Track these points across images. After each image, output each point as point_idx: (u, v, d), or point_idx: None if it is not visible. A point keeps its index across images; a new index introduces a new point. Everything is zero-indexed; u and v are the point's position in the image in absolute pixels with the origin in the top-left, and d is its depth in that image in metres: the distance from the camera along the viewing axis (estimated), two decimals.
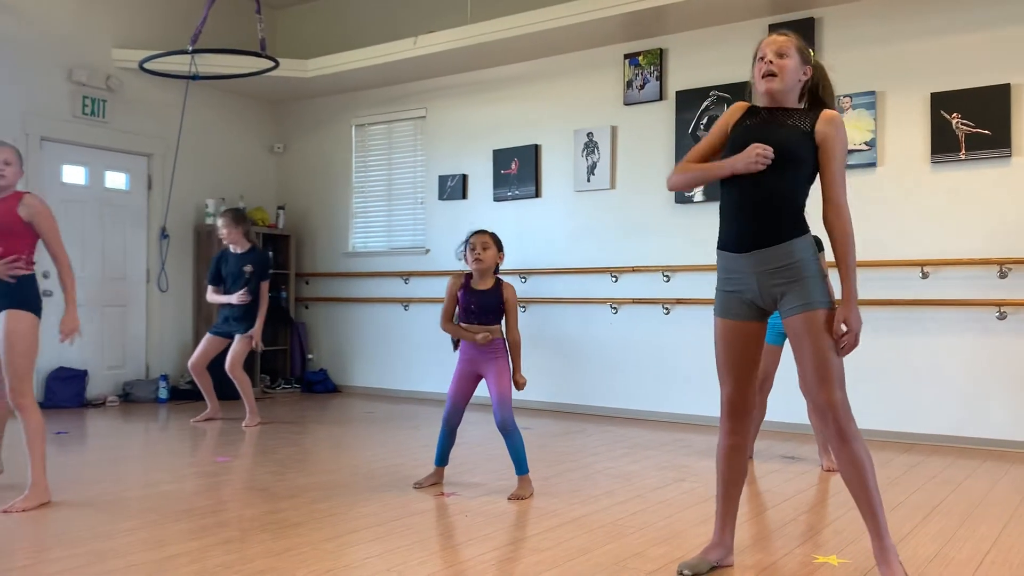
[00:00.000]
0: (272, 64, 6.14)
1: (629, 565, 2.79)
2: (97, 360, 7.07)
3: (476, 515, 3.45)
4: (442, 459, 3.96)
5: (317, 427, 5.85)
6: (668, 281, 6.25)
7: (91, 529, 3.19)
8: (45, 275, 6.80)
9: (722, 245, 2.73)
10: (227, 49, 6.20)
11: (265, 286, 5.99)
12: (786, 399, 5.78)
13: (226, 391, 6.36)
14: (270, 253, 5.84)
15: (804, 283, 2.54)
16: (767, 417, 5.85)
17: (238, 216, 6.06)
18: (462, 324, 3.84)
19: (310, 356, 8.23)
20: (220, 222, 6.05)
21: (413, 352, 7.56)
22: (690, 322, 6.15)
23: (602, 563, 2.82)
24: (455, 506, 3.60)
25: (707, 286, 6.08)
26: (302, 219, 8.36)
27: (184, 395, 7.14)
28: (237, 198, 8.03)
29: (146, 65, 6.12)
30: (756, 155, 2.52)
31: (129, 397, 7.09)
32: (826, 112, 2.63)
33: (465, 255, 3.83)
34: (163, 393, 7.17)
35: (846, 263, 2.55)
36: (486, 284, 3.82)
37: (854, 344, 2.53)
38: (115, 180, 7.30)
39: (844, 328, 2.52)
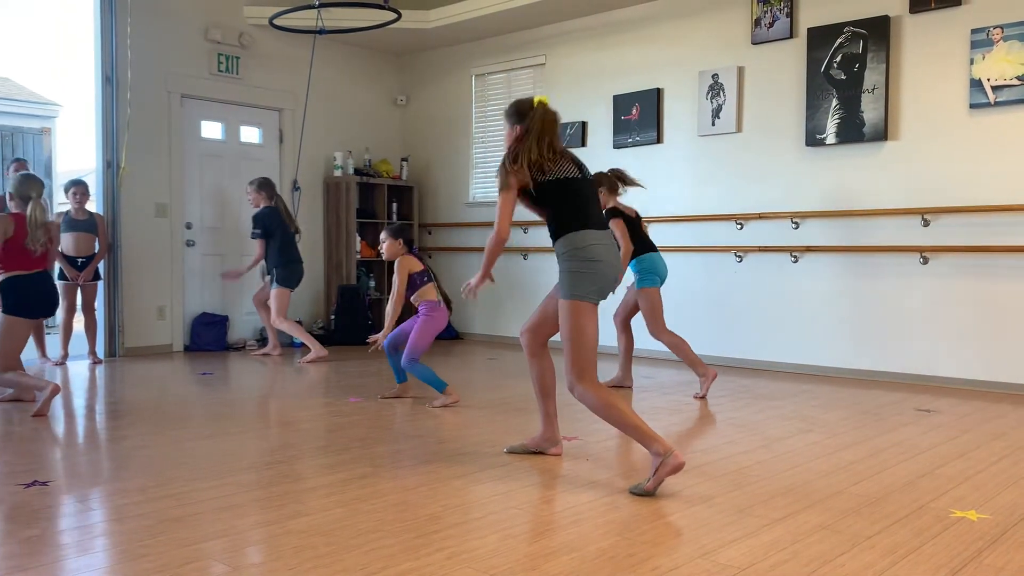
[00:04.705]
0: (395, 16, 6.22)
1: (754, 512, 2.77)
2: (237, 307, 7.49)
3: (598, 460, 3.49)
4: (400, 377, 4.89)
5: (442, 372, 6.00)
6: (797, 228, 6.04)
7: (236, 462, 3.41)
8: (188, 225, 7.23)
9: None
10: (352, 2, 6.32)
11: (256, 244, 6.60)
12: (921, 349, 5.54)
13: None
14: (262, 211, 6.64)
15: (560, 276, 3.23)
16: (900, 369, 5.65)
17: (261, 182, 6.69)
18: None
19: None
20: (248, 189, 6.76)
21: (532, 301, 7.62)
22: (821, 270, 5.94)
23: (724, 510, 2.81)
24: (578, 451, 3.65)
25: (838, 232, 5.85)
26: (425, 170, 8.51)
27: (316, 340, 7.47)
28: (363, 151, 8.25)
29: (275, 21, 6.31)
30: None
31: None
32: None
33: None
34: (296, 339, 7.52)
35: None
36: None
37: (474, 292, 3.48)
38: (249, 135, 7.62)
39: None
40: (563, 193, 3.23)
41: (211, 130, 7.37)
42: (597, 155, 7.08)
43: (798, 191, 6.04)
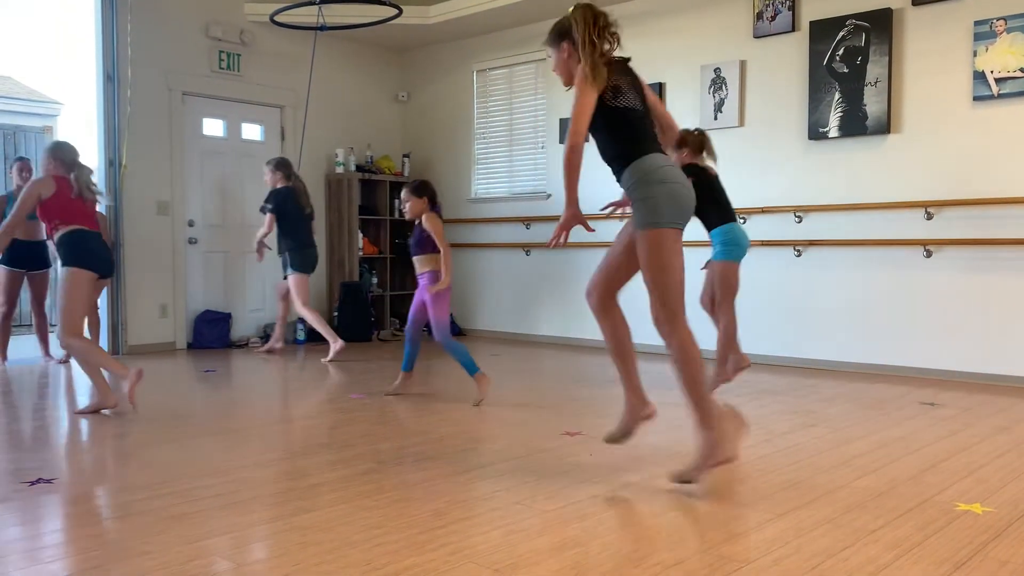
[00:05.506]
0: (396, 12, 6.22)
1: (757, 507, 2.77)
2: (239, 304, 7.49)
3: (601, 454, 3.48)
4: (407, 366, 4.75)
5: (445, 368, 6.01)
6: (800, 222, 6.03)
7: (239, 459, 3.41)
8: (190, 223, 7.23)
9: None
10: None
11: (266, 218, 6.49)
12: (925, 343, 5.53)
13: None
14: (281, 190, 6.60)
15: (635, 207, 2.95)
16: (903, 363, 5.63)
17: (278, 162, 6.64)
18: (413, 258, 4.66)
19: None
20: (265, 168, 6.70)
21: (534, 297, 7.63)
22: (824, 264, 5.93)
23: (728, 505, 2.80)
24: (580, 445, 3.64)
25: (841, 226, 5.84)
26: (426, 166, 8.50)
27: (319, 337, 7.45)
28: (364, 147, 8.24)
29: (276, 18, 6.31)
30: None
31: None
32: None
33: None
34: (300, 335, 7.53)
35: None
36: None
37: (556, 235, 2.96)
38: (251, 132, 7.62)
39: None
40: (625, 122, 2.96)
41: (212, 127, 7.37)
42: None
43: (801, 185, 6.02)
